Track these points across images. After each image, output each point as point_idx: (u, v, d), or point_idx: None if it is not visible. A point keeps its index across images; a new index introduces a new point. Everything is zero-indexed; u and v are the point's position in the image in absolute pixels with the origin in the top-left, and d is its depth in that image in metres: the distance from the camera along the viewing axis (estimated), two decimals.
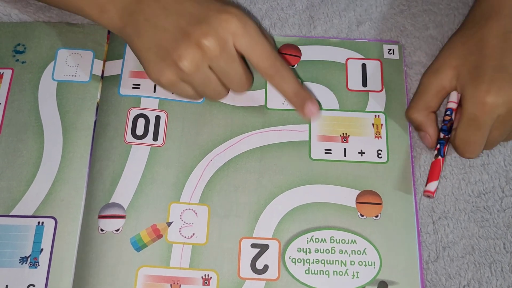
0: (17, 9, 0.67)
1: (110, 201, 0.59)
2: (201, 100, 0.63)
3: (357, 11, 0.69)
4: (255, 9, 0.69)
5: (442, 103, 0.62)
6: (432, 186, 0.59)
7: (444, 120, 0.61)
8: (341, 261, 0.58)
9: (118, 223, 0.58)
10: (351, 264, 0.58)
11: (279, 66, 0.58)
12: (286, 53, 0.66)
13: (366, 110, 0.64)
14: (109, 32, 0.67)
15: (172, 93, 0.60)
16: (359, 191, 0.61)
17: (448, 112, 0.61)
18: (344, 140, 0.63)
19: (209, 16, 0.55)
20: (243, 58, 0.59)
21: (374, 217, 0.60)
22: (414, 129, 0.63)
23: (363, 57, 0.66)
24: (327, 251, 0.58)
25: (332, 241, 0.59)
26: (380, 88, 0.65)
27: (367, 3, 0.70)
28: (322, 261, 0.58)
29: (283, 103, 0.64)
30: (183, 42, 0.55)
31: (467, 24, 0.63)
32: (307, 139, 0.63)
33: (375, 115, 0.64)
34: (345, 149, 0.62)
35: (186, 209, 0.59)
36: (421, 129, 0.61)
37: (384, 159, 0.62)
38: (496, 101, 0.56)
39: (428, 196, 0.60)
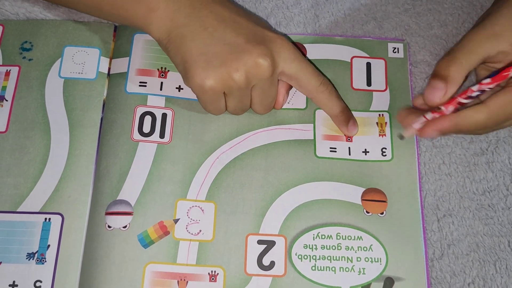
0: (24, 8, 0.68)
1: (117, 198, 0.59)
2: (219, 115, 0.63)
3: (362, 10, 0.70)
4: (261, 8, 0.70)
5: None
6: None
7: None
8: (348, 257, 0.58)
9: (125, 219, 0.59)
10: (357, 260, 0.58)
11: (327, 83, 0.61)
12: None
13: (370, 109, 0.64)
14: (115, 29, 0.67)
15: (201, 101, 0.60)
16: (364, 189, 0.61)
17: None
18: (349, 139, 0.63)
19: (266, 39, 0.58)
20: None
21: (379, 214, 0.60)
22: (432, 74, 0.57)
23: (368, 56, 0.67)
24: (333, 247, 0.59)
25: (338, 237, 0.59)
26: (384, 88, 0.65)
27: (371, 2, 0.70)
28: (329, 258, 0.58)
29: (288, 102, 0.64)
30: (243, 57, 0.56)
31: None
32: (312, 138, 0.63)
33: (379, 114, 0.64)
34: (349, 148, 0.63)
35: (192, 206, 0.60)
36: (444, 80, 0.56)
37: (388, 157, 0.62)
38: None
39: None
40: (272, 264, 0.58)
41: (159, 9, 0.59)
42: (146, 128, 0.62)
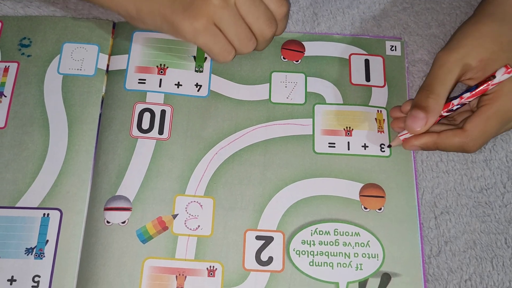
0: (22, 3, 0.68)
1: (116, 194, 0.59)
2: (231, 56, 0.61)
3: (360, 8, 0.70)
4: None
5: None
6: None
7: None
8: (345, 253, 0.58)
9: (124, 215, 0.59)
10: (354, 256, 0.58)
11: None
12: (290, 49, 0.67)
13: (370, 104, 0.64)
14: (114, 26, 0.67)
15: (204, 47, 0.60)
16: (362, 184, 0.61)
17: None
18: (348, 133, 0.63)
19: None
20: None
21: (377, 210, 0.60)
22: (412, 105, 0.59)
23: (366, 53, 0.67)
24: (331, 243, 0.59)
25: (336, 233, 0.59)
26: (382, 84, 0.66)
27: (370, 1, 0.70)
28: (326, 253, 0.58)
29: (287, 97, 0.65)
30: None
31: (500, 18, 0.61)
32: (311, 133, 0.63)
33: (378, 110, 0.64)
34: (348, 142, 0.63)
35: (191, 202, 0.60)
36: (425, 111, 0.58)
37: (386, 153, 0.62)
38: None
39: None
40: (270, 259, 0.58)
41: None
42: (145, 125, 0.62)
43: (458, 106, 0.59)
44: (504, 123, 0.59)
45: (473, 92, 0.58)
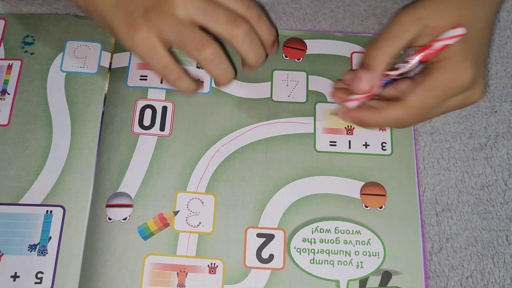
0: (25, 1, 0.68)
1: (118, 191, 0.60)
2: (172, 74, 0.57)
3: (361, 6, 0.70)
4: (261, 3, 0.70)
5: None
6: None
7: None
8: (346, 251, 0.59)
9: (125, 212, 0.59)
10: (355, 254, 0.59)
11: None
12: (292, 47, 0.67)
13: None
14: None
15: (141, 60, 0.57)
16: (363, 183, 0.61)
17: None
18: (349, 132, 0.63)
19: None
20: None
21: (378, 208, 0.60)
22: (358, 64, 0.57)
23: None
24: (332, 241, 0.59)
25: (337, 231, 0.59)
26: None
27: None
28: (327, 251, 0.59)
29: (288, 96, 0.65)
30: None
31: None
32: (312, 132, 0.63)
33: None
34: (349, 141, 0.63)
35: (192, 198, 0.60)
36: (368, 69, 0.56)
37: (388, 151, 0.62)
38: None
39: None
40: (271, 257, 0.58)
41: None
42: (147, 121, 0.63)
43: (404, 65, 0.57)
44: (445, 98, 0.56)
45: (417, 49, 0.56)
